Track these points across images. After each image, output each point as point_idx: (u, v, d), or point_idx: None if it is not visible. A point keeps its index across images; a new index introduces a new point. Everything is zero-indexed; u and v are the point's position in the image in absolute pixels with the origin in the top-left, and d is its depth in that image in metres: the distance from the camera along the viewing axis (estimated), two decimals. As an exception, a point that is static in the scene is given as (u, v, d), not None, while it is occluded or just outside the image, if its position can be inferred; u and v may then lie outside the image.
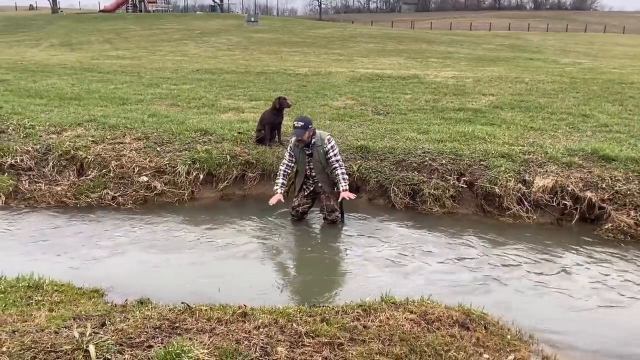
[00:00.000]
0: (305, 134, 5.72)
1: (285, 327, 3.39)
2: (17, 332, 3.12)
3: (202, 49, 26.24)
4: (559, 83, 13.70)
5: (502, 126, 8.78)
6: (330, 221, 6.07)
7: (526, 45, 33.62)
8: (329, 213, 6.04)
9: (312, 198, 6.17)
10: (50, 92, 11.55)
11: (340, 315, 3.64)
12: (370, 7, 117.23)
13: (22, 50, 24.86)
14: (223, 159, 7.22)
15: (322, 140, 5.84)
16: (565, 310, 4.39)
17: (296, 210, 6.16)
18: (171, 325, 3.34)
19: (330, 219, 6.05)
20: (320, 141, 5.83)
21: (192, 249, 5.47)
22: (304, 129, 5.71)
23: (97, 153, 7.28)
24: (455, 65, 20.19)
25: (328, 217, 6.06)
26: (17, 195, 6.72)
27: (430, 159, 7.05)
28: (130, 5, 59.65)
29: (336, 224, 6.08)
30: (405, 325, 3.52)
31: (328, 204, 6.01)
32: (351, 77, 14.65)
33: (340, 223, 6.12)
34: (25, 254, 5.27)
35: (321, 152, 5.81)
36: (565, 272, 5.07)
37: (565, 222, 6.31)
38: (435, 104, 10.87)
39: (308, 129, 5.74)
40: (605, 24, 60.78)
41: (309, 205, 6.19)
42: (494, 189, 6.46)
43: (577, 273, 5.07)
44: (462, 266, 5.15)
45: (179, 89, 12.50)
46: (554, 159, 6.88)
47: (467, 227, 6.15)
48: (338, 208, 6.07)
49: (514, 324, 3.96)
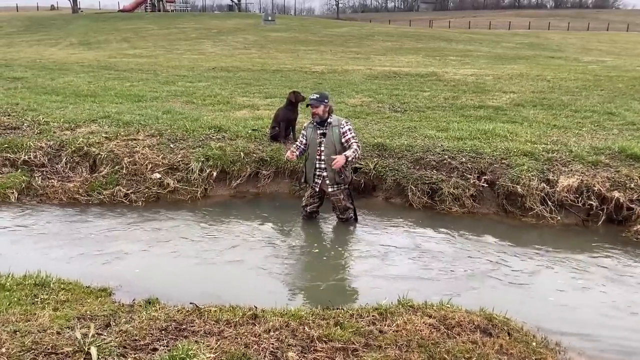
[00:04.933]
0: (320, 107, 5.45)
1: (297, 330, 3.23)
2: (18, 332, 3.00)
3: (219, 48, 26.22)
4: (583, 81, 13.33)
5: (524, 124, 8.52)
6: (344, 219, 5.88)
7: (547, 44, 33.02)
8: (342, 212, 5.84)
9: (319, 197, 5.90)
10: (67, 90, 11.55)
11: (355, 318, 3.46)
12: (388, 6, 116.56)
13: (42, 49, 25.10)
14: (237, 156, 7.08)
15: (339, 121, 5.58)
16: (595, 316, 4.15)
17: (305, 210, 5.98)
18: (178, 327, 3.20)
19: (344, 217, 5.86)
20: (337, 122, 5.55)
21: (203, 248, 5.34)
22: (319, 102, 5.45)
23: (110, 149, 7.20)
24: (475, 63, 19.84)
25: (342, 217, 5.87)
26: (29, 191, 6.66)
27: (450, 157, 6.83)
28: (148, 5, 60.10)
29: (350, 222, 5.89)
30: (423, 331, 3.33)
31: (339, 205, 5.79)
32: (368, 75, 14.44)
33: (353, 222, 5.92)
34: (36, 251, 5.19)
35: (336, 133, 5.48)
36: (592, 276, 4.83)
37: (591, 223, 6.05)
38: (455, 101, 10.62)
39: (324, 102, 5.47)
40: (628, 23, 59.40)
41: (316, 205, 5.95)
42: (516, 188, 6.22)
43: (605, 276, 4.82)
44: (483, 268, 4.93)
45: (195, 87, 12.42)
46: (579, 157, 6.62)
47: (488, 227, 5.92)
48: (350, 205, 5.85)
49: (539, 330, 3.75)
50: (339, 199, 5.75)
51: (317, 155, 5.61)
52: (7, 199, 6.43)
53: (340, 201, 5.77)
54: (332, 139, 5.51)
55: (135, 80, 13.33)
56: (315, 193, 5.85)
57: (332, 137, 5.51)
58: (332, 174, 5.59)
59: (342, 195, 5.74)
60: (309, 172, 5.75)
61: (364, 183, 6.85)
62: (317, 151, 5.59)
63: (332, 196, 5.76)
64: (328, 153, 5.51)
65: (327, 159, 5.50)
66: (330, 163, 5.42)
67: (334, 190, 5.69)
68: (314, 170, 5.68)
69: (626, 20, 64.60)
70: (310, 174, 5.73)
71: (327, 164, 5.54)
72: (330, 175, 5.60)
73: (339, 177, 5.60)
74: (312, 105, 5.49)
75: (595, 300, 4.41)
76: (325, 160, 5.55)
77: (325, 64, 17.63)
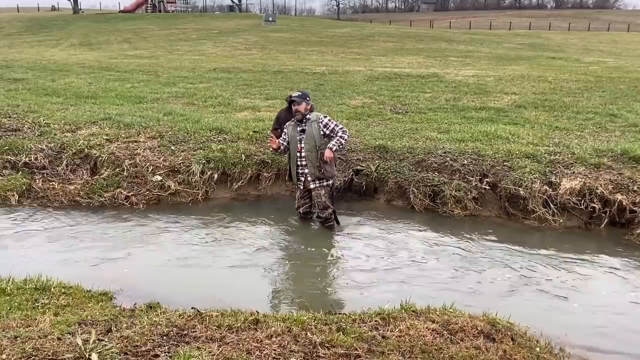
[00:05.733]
0: (302, 105, 5.66)
1: (299, 336, 3.20)
2: (19, 338, 2.98)
3: (220, 49, 26.21)
4: (584, 82, 13.30)
5: (525, 126, 8.49)
6: (323, 219, 5.84)
7: (547, 44, 32.99)
8: (322, 210, 5.82)
9: (308, 197, 5.95)
10: (68, 91, 11.53)
11: (358, 323, 3.43)
12: (389, 6, 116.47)
13: (43, 50, 25.10)
14: (238, 158, 7.06)
15: (318, 117, 5.73)
16: (599, 321, 4.12)
17: (298, 212, 6.04)
18: (179, 333, 3.18)
19: (323, 216, 5.84)
20: (315, 117, 5.72)
21: (204, 251, 5.32)
22: (302, 99, 5.70)
23: (111, 152, 7.19)
24: (476, 64, 19.82)
25: (321, 215, 5.85)
26: (30, 194, 6.64)
27: (452, 159, 6.81)
28: (149, 5, 60.07)
29: (330, 224, 5.84)
30: (426, 336, 3.30)
31: (319, 201, 5.79)
32: (369, 76, 14.42)
33: (334, 224, 5.86)
34: (36, 254, 5.17)
35: (315, 127, 5.64)
36: (595, 280, 4.81)
37: (593, 226, 6.02)
38: (456, 102, 10.60)
39: (306, 100, 5.73)
40: (629, 23, 59.33)
41: (308, 205, 5.99)
42: (518, 190, 6.19)
43: (608, 281, 4.80)
44: (486, 272, 4.91)
45: (196, 88, 12.41)
46: (582, 159, 6.59)
47: (490, 230, 5.90)
48: (330, 204, 5.83)
49: (543, 335, 3.71)
50: (319, 194, 5.76)
51: (297, 152, 5.74)
52: (7, 201, 6.41)
53: (320, 196, 5.77)
54: (312, 133, 5.65)
55: (136, 82, 13.31)
56: (304, 193, 5.93)
57: (311, 132, 5.65)
58: (312, 169, 5.70)
59: (322, 191, 5.76)
60: (293, 169, 5.86)
61: (365, 185, 6.83)
62: (298, 147, 5.73)
63: (313, 191, 5.80)
64: (308, 148, 5.65)
65: (308, 154, 5.65)
66: (310, 159, 5.63)
67: (315, 185, 5.76)
68: (296, 168, 5.80)
69: (627, 20, 64.53)
70: (294, 172, 5.84)
71: (307, 159, 5.68)
72: (311, 170, 5.70)
73: (319, 171, 5.68)
74: (295, 102, 5.70)
75: (598, 304, 4.38)
76: (306, 156, 5.68)
77: (326, 65, 17.61)
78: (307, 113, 5.72)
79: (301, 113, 5.69)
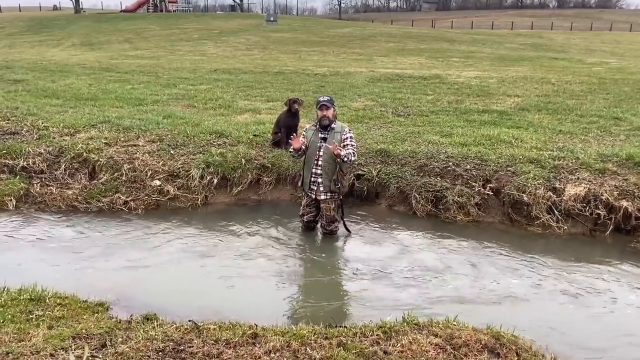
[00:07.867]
0: (331, 110, 5.49)
1: (299, 351, 3.13)
2: (10, 354, 2.91)
3: (221, 49, 26.13)
4: (587, 84, 13.20)
5: (529, 129, 8.40)
6: (329, 232, 5.72)
7: (550, 45, 32.87)
8: (328, 223, 5.70)
9: (316, 207, 5.77)
10: (67, 93, 11.46)
11: (359, 338, 3.35)
12: (390, 6, 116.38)
13: (44, 50, 25.05)
14: (238, 162, 6.98)
15: (343, 128, 5.58)
16: (605, 333, 4.04)
17: (302, 220, 5.87)
18: (176, 348, 3.10)
19: (329, 229, 5.72)
20: (340, 128, 5.55)
21: (203, 260, 5.23)
22: (331, 104, 5.53)
23: (110, 156, 7.10)
24: (478, 64, 19.71)
25: (327, 228, 5.72)
26: (27, 198, 6.56)
27: (454, 164, 6.72)
28: (151, 5, 60.01)
29: (334, 235, 5.74)
30: (429, 352, 3.22)
31: (327, 214, 5.66)
32: (371, 77, 14.34)
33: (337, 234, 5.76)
34: (32, 261, 5.09)
35: (338, 139, 5.42)
36: (601, 289, 4.71)
37: (598, 232, 5.93)
38: (458, 105, 10.51)
39: (334, 106, 5.60)
40: (631, 23, 59.11)
41: (313, 214, 5.81)
42: (522, 196, 6.10)
43: (614, 290, 4.70)
44: (489, 282, 4.82)
45: (196, 90, 12.32)
46: (586, 165, 6.50)
47: (494, 237, 5.81)
48: (338, 218, 5.73)
49: (549, 349, 3.64)
50: (329, 207, 5.63)
51: (314, 159, 5.52)
52: (5, 206, 6.32)
53: (330, 210, 5.64)
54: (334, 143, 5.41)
55: (136, 83, 13.24)
56: (312, 202, 5.73)
57: (333, 142, 5.41)
58: (326, 181, 5.51)
59: (332, 205, 5.63)
60: (306, 176, 5.65)
61: (366, 190, 6.75)
62: (316, 155, 5.51)
63: (323, 203, 5.65)
64: (327, 158, 5.44)
65: (325, 164, 5.44)
66: (327, 170, 5.43)
67: (326, 197, 5.59)
68: (310, 176, 5.59)
69: (629, 20, 64.33)
70: (307, 179, 5.63)
71: (323, 169, 5.48)
72: (326, 182, 5.52)
73: (334, 185, 5.52)
74: (324, 106, 5.47)
75: (603, 315, 4.30)
76: (323, 165, 5.47)
77: (327, 66, 17.52)
78: (334, 120, 5.55)
79: (329, 119, 5.49)
